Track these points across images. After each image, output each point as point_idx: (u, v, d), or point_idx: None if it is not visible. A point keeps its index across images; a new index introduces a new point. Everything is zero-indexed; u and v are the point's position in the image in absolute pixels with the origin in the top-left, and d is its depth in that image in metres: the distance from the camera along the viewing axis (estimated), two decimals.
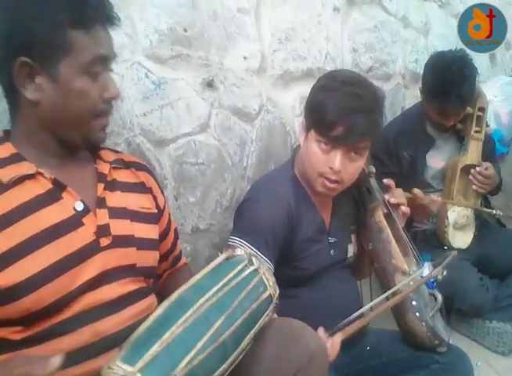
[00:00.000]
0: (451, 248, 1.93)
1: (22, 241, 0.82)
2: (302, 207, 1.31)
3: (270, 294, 0.88)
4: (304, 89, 1.73)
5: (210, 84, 1.42)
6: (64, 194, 0.89)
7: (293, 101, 1.73)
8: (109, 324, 0.88)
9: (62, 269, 0.84)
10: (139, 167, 1.08)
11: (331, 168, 1.22)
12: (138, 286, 0.95)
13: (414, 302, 1.30)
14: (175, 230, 1.19)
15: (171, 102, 1.33)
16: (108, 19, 0.90)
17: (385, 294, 1.31)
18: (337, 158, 1.22)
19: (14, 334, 0.84)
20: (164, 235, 1.11)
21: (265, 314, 0.87)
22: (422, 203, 1.73)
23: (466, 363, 1.39)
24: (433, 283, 1.74)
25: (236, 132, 1.53)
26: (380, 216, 1.38)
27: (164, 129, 1.33)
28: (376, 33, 2.12)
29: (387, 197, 1.43)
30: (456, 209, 1.94)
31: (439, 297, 1.36)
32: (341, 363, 1.27)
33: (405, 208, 1.43)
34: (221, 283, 0.82)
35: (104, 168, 0.98)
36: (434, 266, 1.35)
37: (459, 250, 1.93)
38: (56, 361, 0.68)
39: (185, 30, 1.34)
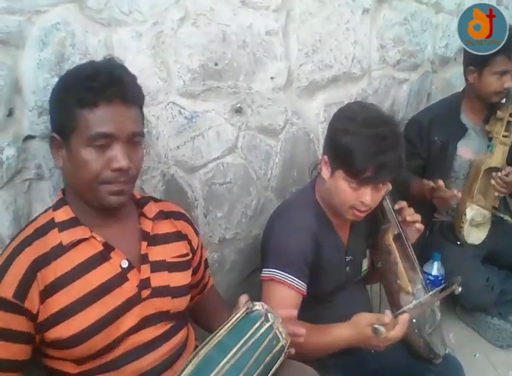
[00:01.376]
0: (464, 243, 2.07)
1: (77, 299, 1.00)
2: (324, 231, 1.44)
3: (282, 345, 1.05)
4: (329, 96, 1.84)
5: (238, 111, 1.51)
6: (112, 254, 1.06)
7: (317, 109, 1.81)
8: (147, 362, 1.07)
9: (109, 321, 1.02)
10: (177, 216, 1.23)
11: (363, 203, 1.33)
12: (170, 325, 1.13)
13: (414, 320, 1.44)
14: (205, 261, 1.35)
15: (202, 132, 1.45)
16: (120, 97, 1.00)
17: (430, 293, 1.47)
18: (367, 194, 1.31)
19: (70, 368, 1.04)
20: (196, 269, 1.28)
21: (278, 362, 1.04)
22: (444, 195, 1.84)
23: (459, 373, 1.57)
24: (441, 280, 1.91)
25: (262, 149, 1.64)
26: (389, 239, 1.50)
27: (196, 157, 1.46)
28: (406, 25, 2.12)
29: (402, 216, 1.52)
30: (474, 207, 2.03)
31: (438, 315, 1.52)
32: (349, 363, 1.47)
33: (419, 225, 1.53)
34: (241, 342, 0.98)
35: (147, 225, 1.14)
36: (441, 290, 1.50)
37: (473, 245, 2.07)
38: None
39: (216, 64, 1.42)
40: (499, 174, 1.95)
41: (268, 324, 1.04)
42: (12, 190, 1.10)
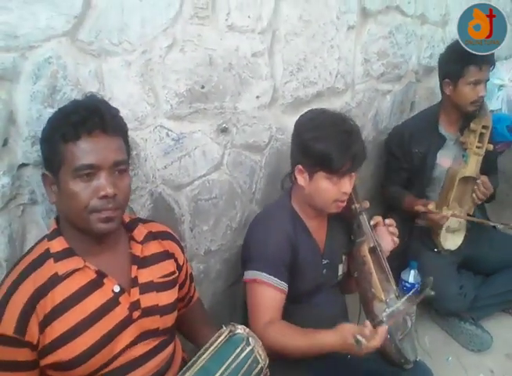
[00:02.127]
0: (441, 250, 2.17)
1: (74, 325, 1.08)
2: (300, 235, 1.55)
3: (261, 367, 1.14)
4: None
5: (224, 130, 1.58)
6: (105, 280, 1.13)
7: None
8: (139, 375, 1.15)
9: (105, 343, 1.10)
10: (164, 236, 1.30)
11: (345, 193, 1.50)
12: (160, 340, 1.21)
13: (387, 326, 1.53)
14: (191, 275, 1.43)
15: (188, 152, 1.51)
16: (100, 128, 1.06)
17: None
18: (347, 184, 1.49)
19: None
20: (182, 284, 1.36)
21: None
22: (434, 217, 2.02)
23: None
24: (417, 288, 2.00)
25: (247, 165, 1.71)
26: (365, 251, 1.59)
27: (182, 176, 1.52)
28: (391, 38, 2.18)
29: (387, 221, 1.63)
30: (449, 213, 2.12)
31: (409, 323, 1.61)
32: (322, 366, 1.57)
33: (396, 239, 1.65)
34: (223, 367, 1.07)
35: (137, 249, 1.21)
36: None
37: (449, 251, 2.17)
38: None
39: (203, 87, 1.48)
40: (477, 184, 2.06)
41: (249, 348, 1.13)
42: (6, 215, 1.16)
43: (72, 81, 1.19)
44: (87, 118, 1.05)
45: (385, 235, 1.63)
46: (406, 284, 2.06)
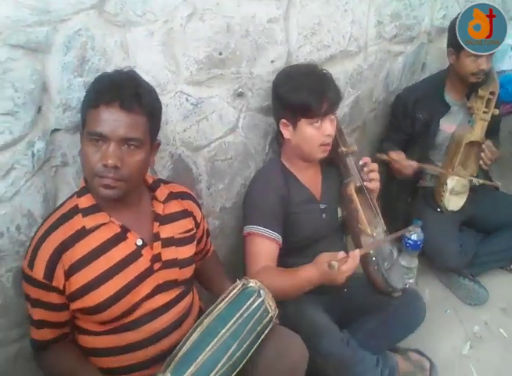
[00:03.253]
0: (445, 210, 2.26)
1: (100, 273, 1.21)
2: (292, 186, 1.69)
3: (271, 316, 1.27)
4: None
5: (240, 95, 1.65)
6: (128, 234, 1.25)
7: None
8: (160, 323, 1.29)
9: (127, 290, 1.23)
10: (184, 196, 1.41)
11: (329, 135, 1.62)
12: (179, 291, 1.34)
13: (374, 258, 1.65)
14: (207, 231, 1.55)
15: (206, 116, 1.59)
16: (118, 102, 1.13)
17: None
18: (328, 125, 1.61)
19: (94, 327, 1.26)
20: (200, 239, 1.49)
21: (267, 330, 1.27)
22: (399, 166, 2.14)
23: (418, 303, 1.83)
24: (419, 245, 2.12)
25: (261, 127, 1.79)
26: (351, 190, 1.71)
27: (200, 138, 1.61)
28: (405, 0, 2.18)
29: (365, 169, 1.73)
30: (454, 178, 2.20)
31: (395, 254, 1.75)
32: (325, 303, 1.72)
33: (373, 183, 1.73)
34: (237, 315, 1.20)
35: (158, 207, 1.32)
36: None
37: (452, 211, 2.27)
38: None
39: (220, 54, 1.54)
40: (485, 146, 2.13)
41: (260, 299, 1.26)
42: (42, 177, 1.28)
43: (99, 52, 1.27)
44: (107, 91, 1.14)
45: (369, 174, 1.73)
46: (409, 241, 2.16)
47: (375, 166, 1.74)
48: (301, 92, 1.57)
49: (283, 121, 1.64)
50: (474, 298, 2.27)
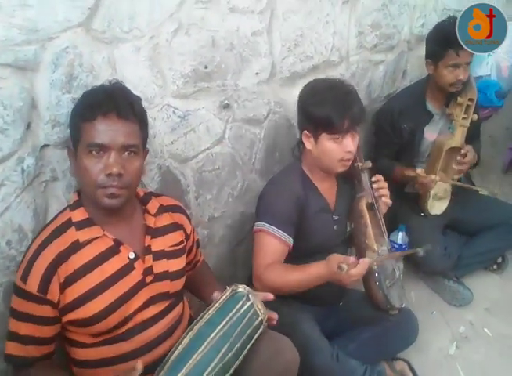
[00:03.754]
0: (428, 215, 2.31)
1: (93, 287, 1.22)
2: (309, 194, 1.71)
3: (261, 319, 1.29)
4: None
5: (226, 106, 1.68)
6: (121, 248, 1.27)
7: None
8: (151, 333, 1.31)
9: (121, 303, 1.25)
10: (174, 209, 1.44)
11: (349, 152, 1.63)
12: (170, 301, 1.36)
13: (376, 274, 1.70)
14: (197, 241, 1.57)
15: (193, 128, 1.62)
16: (114, 112, 1.17)
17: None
18: (349, 142, 1.62)
19: (86, 339, 1.27)
20: (189, 250, 1.51)
21: (258, 333, 1.29)
22: (423, 181, 2.17)
23: (412, 322, 1.88)
24: (404, 248, 2.17)
25: (247, 137, 1.82)
26: (362, 205, 1.75)
27: (188, 150, 1.64)
28: (384, 10, 2.24)
29: (375, 185, 1.76)
30: (437, 183, 2.25)
31: (397, 273, 1.78)
32: (320, 314, 1.75)
33: (385, 199, 1.78)
34: (226, 319, 1.22)
35: (150, 220, 1.34)
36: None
37: (435, 215, 2.32)
38: (139, 366, 1.13)
39: (206, 67, 1.57)
40: (459, 158, 2.19)
41: (249, 303, 1.28)
42: (31, 192, 1.29)
43: (87, 68, 1.29)
44: (103, 101, 1.17)
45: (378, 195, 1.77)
46: (395, 245, 2.22)
47: (385, 184, 1.78)
48: (324, 106, 1.59)
49: (306, 132, 1.66)
50: (459, 299, 2.32)
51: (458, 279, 2.37)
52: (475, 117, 2.22)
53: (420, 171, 2.19)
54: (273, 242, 1.62)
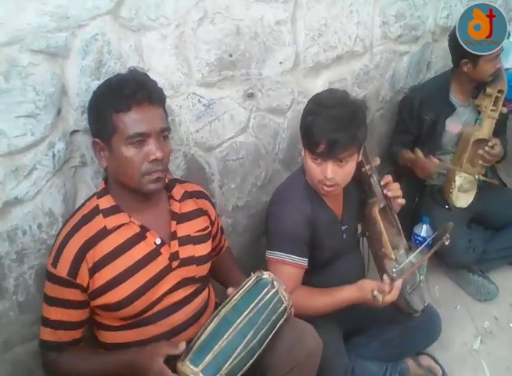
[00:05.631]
0: (453, 207, 2.28)
1: (121, 271, 1.25)
2: (317, 208, 1.62)
3: (285, 306, 1.30)
4: (333, 73, 2.00)
5: (250, 95, 1.69)
6: (148, 234, 1.29)
7: (322, 86, 1.96)
8: (178, 317, 1.33)
9: (148, 287, 1.27)
10: (198, 195, 1.46)
11: (325, 177, 1.49)
12: (196, 286, 1.38)
13: (401, 280, 1.66)
14: (221, 228, 1.59)
15: (218, 116, 1.64)
16: (147, 99, 1.19)
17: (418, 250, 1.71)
18: (328, 168, 1.48)
19: (114, 322, 1.30)
20: (214, 236, 1.53)
21: (282, 320, 1.30)
22: (423, 164, 2.12)
23: (435, 321, 1.86)
24: (429, 240, 2.14)
25: (270, 127, 1.83)
26: (375, 212, 1.68)
27: (213, 138, 1.66)
28: (409, 0, 2.22)
29: (385, 191, 1.69)
30: (463, 175, 2.23)
31: (417, 277, 1.77)
32: (342, 311, 1.74)
33: (400, 200, 1.71)
34: (252, 305, 1.23)
35: (175, 206, 1.36)
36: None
37: (460, 208, 2.29)
38: (183, 346, 1.16)
39: (231, 56, 1.59)
40: (487, 148, 2.15)
41: (274, 290, 1.29)
42: (61, 176, 1.33)
43: (115, 55, 1.32)
44: (137, 91, 1.18)
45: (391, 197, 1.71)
46: (419, 238, 2.20)
47: (396, 185, 1.69)
48: (309, 120, 1.48)
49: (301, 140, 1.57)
50: (484, 294, 2.29)
51: (483, 273, 2.34)
52: (504, 109, 2.19)
53: (419, 152, 2.15)
54: (291, 270, 1.56)
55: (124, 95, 1.17)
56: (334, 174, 1.48)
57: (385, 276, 1.55)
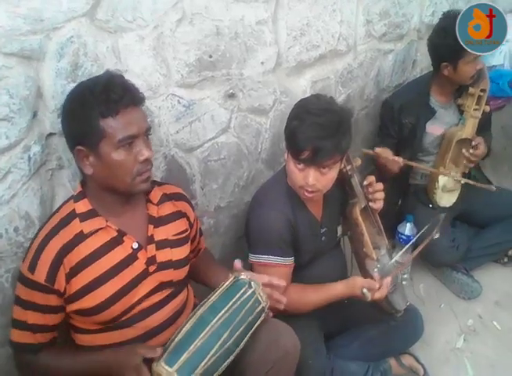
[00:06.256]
0: (437, 207, 2.29)
1: (97, 276, 1.24)
2: (297, 211, 1.62)
3: (263, 307, 1.30)
4: (317, 73, 2.00)
5: (231, 96, 1.69)
6: (125, 238, 1.29)
7: (304, 85, 1.97)
8: (154, 320, 1.33)
9: (124, 292, 1.27)
10: (177, 197, 1.45)
11: (307, 183, 1.49)
12: (173, 289, 1.38)
13: (390, 278, 1.64)
14: (200, 230, 1.59)
15: (198, 117, 1.63)
16: (132, 102, 1.19)
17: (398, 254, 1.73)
18: (310, 175, 1.47)
19: (90, 326, 1.30)
20: (193, 238, 1.52)
21: (259, 321, 1.30)
22: (385, 161, 2.11)
23: (417, 321, 1.88)
24: (412, 239, 2.14)
25: (253, 127, 1.83)
26: (356, 213, 1.68)
27: (193, 139, 1.65)
28: None
29: (370, 189, 1.69)
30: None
31: (399, 277, 1.77)
32: (324, 311, 1.75)
33: (379, 203, 1.70)
34: (228, 305, 1.23)
35: (153, 210, 1.36)
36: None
37: (444, 208, 2.30)
38: (159, 351, 1.15)
39: (211, 56, 1.58)
40: (471, 150, 2.15)
41: (251, 290, 1.29)
42: (38, 180, 1.31)
43: (92, 57, 1.31)
44: (123, 95, 1.17)
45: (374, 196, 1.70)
46: (403, 237, 2.21)
47: (380, 186, 1.68)
48: (294, 126, 1.47)
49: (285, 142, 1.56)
50: (468, 292, 2.31)
51: (467, 271, 2.35)
52: (487, 108, 2.19)
53: (378, 150, 2.11)
54: (279, 271, 1.56)
55: (112, 100, 1.16)
56: (316, 181, 1.48)
57: (375, 274, 1.58)
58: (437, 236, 1.72)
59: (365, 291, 1.53)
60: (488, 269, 2.46)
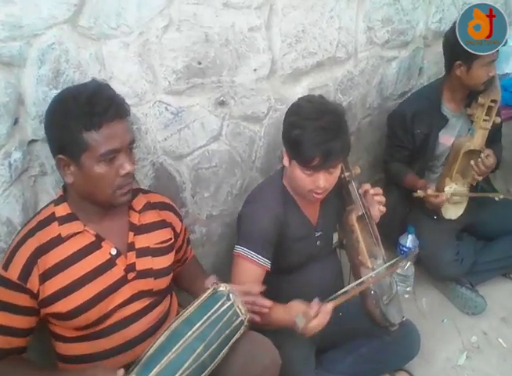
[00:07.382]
0: (442, 219, 2.21)
1: (74, 280, 1.23)
2: (290, 211, 1.61)
3: (242, 320, 1.27)
4: (313, 80, 1.96)
5: (221, 103, 1.67)
6: (103, 244, 1.28)
7: (301, 93, 1.92)
8: (132, 331, 1.31)
9: (101, 298, 1.25)
10: (162, 206, 1.44)
11: (318, 187, 1.50)
12: (153, 299, 1.36)
13: (373, 292, 1.64)
14: (188, 239, 1.57)
15: (187, 124, 1.62)
16: (117, 115, 1.18)
17: (366, 277, 1.62)
18: (320, 179, 1.48)
19: (69, 332, 1.28)
20: (179, 249, 1.51)
21: (237, 334, 1.27)
22: (433, 202, 2.07)
23: (413, 337, 1.81)
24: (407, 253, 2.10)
25: (246, 135, 1.81)
26: (352, 220, 1.66)
27: (182, 147, 1.64)
28: (396, 5, 2.18)
29: (372, 191, 1.67)
30: (453, 186, 2.17)
31: (395, 288, 1.72)
32: None
33: (382, 208, 1.69)
34: (204, 318, 1.21)
35: (134, 217, 1.34)
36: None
37: (449, 220, 2.22)
38: (120, 373, 1.12)
39: (200, 63, 1.56)
40: (480, 160, 2.07)
41: (229, 303, 1.26)
42: (20, 186, 1.32)
43: (74, 64, 1.31)
44: (108, 108, 1.16)
45: (373, 203, 1.69)
46: (404, 248, 2.16)
47: (379, 189, 1.68)
48: (298, 133, 1.45)
49: (284, 149, 1.56)
50: (472, 308, 2.22)
51: (473, 286, 2.26)
52: (498, 119, 2.12)
53: (430, 191, 2.06)
54: (250, 267, 1.54)
55: (96, 113, 1.14)
56: (326, 182, 1.49)
57: (314, 300, 1.46)
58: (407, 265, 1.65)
59: (299, 317, 1.39)
60: (495, 283, 2.37)
